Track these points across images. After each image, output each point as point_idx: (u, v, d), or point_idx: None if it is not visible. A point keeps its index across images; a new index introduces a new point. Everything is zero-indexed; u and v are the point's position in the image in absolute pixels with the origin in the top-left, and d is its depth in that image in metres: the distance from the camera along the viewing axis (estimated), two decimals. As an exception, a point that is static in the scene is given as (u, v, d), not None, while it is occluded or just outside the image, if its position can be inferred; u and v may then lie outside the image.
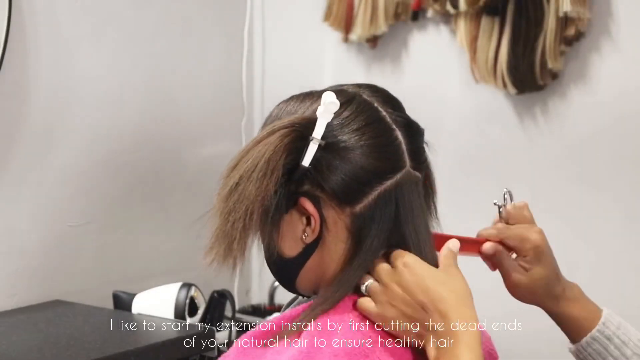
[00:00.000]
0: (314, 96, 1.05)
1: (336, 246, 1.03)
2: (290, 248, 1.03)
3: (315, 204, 1.01)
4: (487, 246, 1.14)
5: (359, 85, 1.07)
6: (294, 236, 1.03)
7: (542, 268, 1.15)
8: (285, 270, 1.06)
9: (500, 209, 1.15)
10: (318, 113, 1.00)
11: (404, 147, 1.02)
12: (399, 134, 1.02)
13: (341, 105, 1.01)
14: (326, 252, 1.03)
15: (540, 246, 1.14)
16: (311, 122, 1.00)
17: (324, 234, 1.02)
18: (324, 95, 1.01)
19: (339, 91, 1.04)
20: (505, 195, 1.14)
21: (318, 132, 0.99)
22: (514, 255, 1.17)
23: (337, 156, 1.00)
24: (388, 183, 1.01)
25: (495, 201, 1.14)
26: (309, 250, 1.03)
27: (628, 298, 1.92)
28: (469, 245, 1.14)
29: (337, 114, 1.01)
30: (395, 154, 1.02)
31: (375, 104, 1.04)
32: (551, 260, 1.16)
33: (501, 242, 1.15)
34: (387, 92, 1.08)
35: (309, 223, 1.02)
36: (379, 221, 1.01)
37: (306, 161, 0.99)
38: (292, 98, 1.07)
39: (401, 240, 1.02)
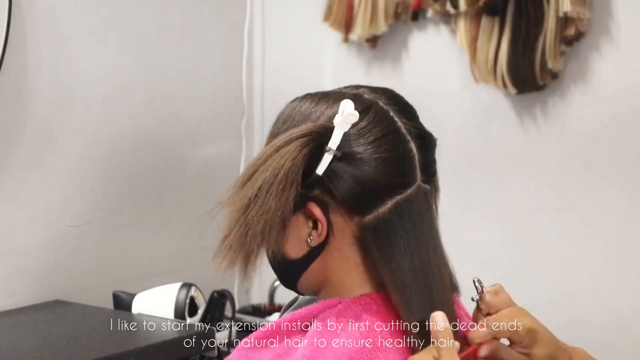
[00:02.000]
0: (329, 99, 1.04)
1: (341, 252, 1.03)
2: (295, 250, 1.03)
3: (323, 209, 1.00)
4: (484, 351, 1.06)
5: (375, 91, 1.06)
6: (299, 238, 1.02)
7: (541, 347, 1.09)
8: (287, 270, 1.06)
9: (478, 302, 1.07)
10: (336, 122, 0.99)
11: (416, 161, 1.02)
12: (413, 147, 1.02)
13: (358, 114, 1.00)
14: (331, 256, 1.03)
15: (531, 328, 1.08)
16: (328, 131, 0.99)
17: (330, 239, 1.02)
18: (343, 104, 0.99)
19: (356, 97, 1.03)
20: (477, 284, 1.09)
21: (334, 142, 0.98)
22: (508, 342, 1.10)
23: (351, 167, 0.99)
24: (399, 197, 1.00)
25: (472, 297, 1.09)
26: (313, 253, 1.03)
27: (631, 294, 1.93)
28: (467, 356, 1.06)
29: (353, 124, 1.00)
30: (408, 169, 1.01)
31: (391, 114, 1.02)
32: (547, 334, 1.10)
33: (494, 339, 1.08)
34: (403, 99, 1.07)
35: (315, 227, 1.01)
36: (387, 233, 1.00)
37: (320, 170, 0.98)
38: (306, 97, 1.06)
39: (409, 255, 1.01)
